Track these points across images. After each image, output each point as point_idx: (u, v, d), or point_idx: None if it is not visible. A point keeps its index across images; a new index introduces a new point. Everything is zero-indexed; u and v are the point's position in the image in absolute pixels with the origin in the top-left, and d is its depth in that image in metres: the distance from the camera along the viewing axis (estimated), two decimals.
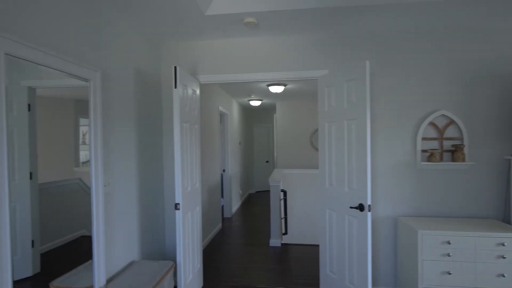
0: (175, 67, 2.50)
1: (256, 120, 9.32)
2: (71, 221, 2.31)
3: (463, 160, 2.72)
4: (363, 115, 2.35)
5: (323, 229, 2.88)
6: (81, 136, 2.29)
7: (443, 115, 2.82)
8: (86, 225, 2.34)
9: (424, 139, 2.85)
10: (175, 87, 2.50)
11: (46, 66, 1.72)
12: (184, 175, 2.61)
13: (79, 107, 2.27)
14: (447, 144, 2.83)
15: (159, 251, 3.17)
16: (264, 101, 7.07)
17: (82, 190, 2.37)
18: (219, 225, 5.43)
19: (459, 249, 2.40)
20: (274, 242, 4.44)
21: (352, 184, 2.51)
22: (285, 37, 2.99)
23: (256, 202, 7.78)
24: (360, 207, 2.39)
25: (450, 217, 2.82)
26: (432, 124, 2.83)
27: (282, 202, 4.53)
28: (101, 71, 2.17)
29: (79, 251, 2.34)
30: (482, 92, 2.79)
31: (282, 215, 4.54)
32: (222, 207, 6.30)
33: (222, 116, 6.16)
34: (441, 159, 2.83)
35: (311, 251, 4.18)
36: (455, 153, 2.75)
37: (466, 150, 2.77)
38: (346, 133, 2.56)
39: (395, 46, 2.87)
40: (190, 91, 2.82)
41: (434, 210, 2.86)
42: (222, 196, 6.24)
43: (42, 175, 2.04)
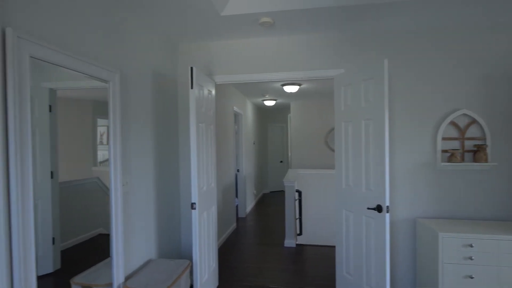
0: (191, 68, 2.52)
1: (270, 120, 9.31)
2: (89, 220, 2.36)
3: (486, 160, 2.63)
4: (381, 114, 2.30)
5: (340, 230, 2.84)
6: (98, 136, 2.34)
7: (464, 115, 2.73)
8: (104, 223, 2.38)
9: (444, 139, 2.77)
10: (192, 87, 2.52)
11: (68, 68, 1.76)
12: (200, 175, 2.63)
13: (97, 107, 2.32)
14: (469, 144, 2.75)
15: (175, 250, 3.20)
16: (278, 101, 7.05)
17: (100, 189, 2.42)
18: (234, 225, 5.45)
19: (482, 252, 2.33)
20: (289, 242, 4.41)
21: (370, 184, 2.46)
22: (300, 36, 2.97)
23: (270, 202, 7.77)
24: (378, 208, 2.35)
25: (471, 219, 2.74)
26: (452, 123, 2.76)
27: (297, 202, 4.50)
28: (120, 72, 2.21)
29: (97, 248, 2.39)
30: (506, 90, 2.70)
31: (297, 216, 4.52)
32: (237, 207, 6.32)
33: (236, 116, 6.18)
34: (462, 160, 2.75)
35: (326, 252, 4.14)
36: (477, 153, 2.66)
37: (488, 150, 2.68)
38: (364, 133, 2.52)
39: (413, 44, 2.81)
40: (206, 92, 2.84)
41: (455, 212, 2.78)
42: (236, 196, 6.26)
43: (62, 174, 2.09)
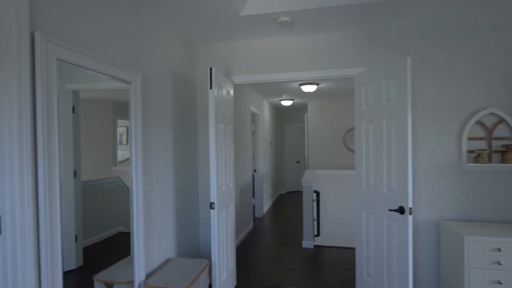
0: (210, 68, 2.53)
1: (287, 120, 9.26)
2: (109, 218, 2.41)
3: None
4: (404, 114, 2.24)
5: (360, 231, 2.79)
6: (118, 136, 2.39)
7: (491, 113, 2.63)
8: (124, 222, 2.43)
9: (470, 139, 2.67)
10: (211, 88, 2.53)
11: (93, 70, 1.80)
12: (218, 175, 2.64)
13: (117, 108, 2.37)
14: (496, 145, 2.64)
15: (193, 250, 3.23)
16: (295, 100, 7.01)
17: (120, 188, 2.46)
18: (251, 225, 5.45)
19: (511, 257, 2.23)
20: (307, 243, 4.37)
21: (392, 185, 2.41)
22: (320, 35, 2.94)
23: (287, 203, 7.73)
24: (401, 210, 2.29)
25: (498, 223, 2.63)
26: (479, 123, 2.65)
27: (315, 203, 4.46)
28: (141, 73, 2.25)
29: (117, 246, 2.44)
30: None
31: (315, 216, 4.47)
32: (253, 207, 6.32)
33: (253, 116, 6.18)
34: (490, 160, 2.64)
35: (345, 254, 4.08)
36: (506, 153, 2.55)
37: None
38: (385, 133, 2.46)
39: (437, 41, 2.72)
40: (224, 92, 2.85)
41: (481, 214, 2.68)
42: (253, 196, 6.26)
43: (84, 174, 2.14)
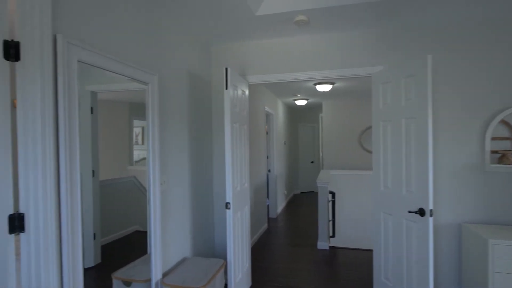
0: (226, 69, 2.54)
1: (301, 120, 9.20)
2: (126, 217, 2.44)
3: None
4: (424, 113, 2.19)
5: (377, 233, 2.74)
6: (134, 136, 2.42)
7: None
8: (140, 221, 2.46)
9: (494, 138, 2.58)
10: (226, 88, 2.53)
11: (112, 72, 1.84)
12: (234, 175, 2.65)
13: (133, 109, 2.40)
14: None
15: (209, 249, 3.25)
16: (309, 100, 6.95)
17: (136, 187, 2.50)
18: (265, 225, 5.44)
19: None
20: (322, 244, 4.33)
21: (411, 187, 2.35)
22: (336, 33, 2.90)
23: (301, 203, 7.68)
24: (421, 212, 2.23)
25: None
26: (503, 122, 2.56)
27: (330, 203, 4.40)
28: (158, 74, 2.27)
29: (134, 245, 2.47)
30: None
31: (330, 217, 4.42)
32: (267, 207, 6.30)
33: (268, 116, 6.17)
34: None
35: (361, 256, 4.01)
36: None
37: None
38: (404, 132, 2.40)
39: (458, 38, 2.64)
40: (239, 92, 2.85)
41: (505, 217, 2.58)
42: (267, 197, 6.25)
43: (101, 173, 2.18)
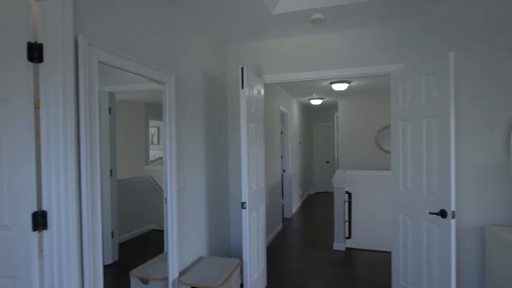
0: (242, 68, 2.53)
1: (316, 119, 9.12)
2: (143, 216, 2.47)
3: None
4: (446, 112, 2.12)
5: (396, 235, 2.68)
6: (150, 136, 2.45)
7: None
8: (156, 219, 2.49)
9: None
10: (242, 87, 2.53)
11: (130, 72, 1.86)
12: (250, 175, 2.64)
13: (149, 109, 2.43)
14: None
15: (224, 249, 3.26)
16: (325, 99, 6.88)
17: (152, 187, 2.53)
18: (280, 225, 5.42)
19: None
20: (338, 245, 4.27)
21: (432, 187, 2.28)
22: (354, 31, 2.85)
23: (316, 203, 7.61)
24: (442, 213, 2.16)
25: None
26: None
27: (346, 204, 4.34)
28: (175, 74, 2.29)
29: (150, 243, 2.50)
30: None
31: (346, 218, 4.36)
32: (282, 207, 6.27)
33: (282, 115, 6.14)
34: None
35: (378, 258, 3.93)
36: None
37: None
38: (425, 132, 2.34)
39: (482, 34, 2.54)
40: (255, 92, 2.84)
41: None
42: (282, 197, 6.22)
43: (118, 172, 2.22)
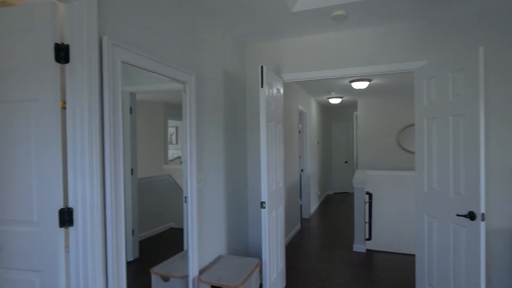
0: (261, 67, 2.52)
1: (335, 118, 8.99)
2: (162, 214, 2.50)
3: None
4: (475, 109, 2.03)
5: (421, 237, 2.59)
6: (168, 136, 2.48)
7: None
8: (175, 218, 2.51)
9: None
10: (262, 86, 2.51)
11: (152, 72, 1.88)
12: (269, 174, 2.62)
13: (168, 109, 2.46)
14: None
15: (243, 248, 3.25)
16: (344, 98, 6.77)
17: (171, 185, 2.55)
18: (298, 226, 5.37)
19: None
20: (358, 247, 4.19)
21: (459, 188, 2.19)
22: (375, 27, 2.78)
23: (335, 204, 7.50)
24: (471, 216, 2.07)
25: None
26: None
27: (367, 205, 4.25)
28: (195, 74, 2.30)
29: (169, 241, 2.53)
30: None
31: (366, 219, 4.26)
32: (300, 207, 6.22)
33: (301, 115, 6.09)
34: None
35: (400, 260, 3.83)
36: None
37: None
38: (452, 131, 2.25)
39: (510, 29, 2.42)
40: (275, 90, 2.82)
41: None
42: (300, 197, 6.17)
43: (139, 171, 2.25)
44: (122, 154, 1.62)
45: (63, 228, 1.46)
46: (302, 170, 6.21)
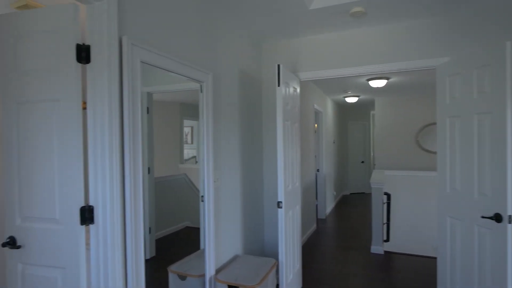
0: (278, 66, 2.50)
1: (351, 118, 8.86)
2: (178, 213, 2.52)
3: None
4: (502, 107, 1.94)
5: (443, 240, 2.51)
6: (184, 135, 2.49)
7: None
8: (190, 217, 2.52)
9: None
10: (278, 85, 2.49)
11: (171, 71, 1.89)
12: (286, 173, 2.60)
13: (183, 109, 2.47)
14: None
15: (258, 248, 3.24)
16: (361, 97, 6.66)
17: (187, 185, 2.57)
18: (314, 226, 5.32)
19: None
20: (376, 248, 4.11)
21: (484, 189, 2.11)
22: (395, 24, 2.71)
23: (351, 204, 7.39)
24: (497, 218, 1.99)
25: None
26: None
27: (385, 206, 4.16)
28: (212, 73, 2.31)
29: (185, 240, 2.54)
30: None
31: (384, 220, 4.17)
32: (316, 207, 6.16)
33: (317, 114, 6.03)
34: None
35: (420, 263, 3.73)
36: None
37: None
38: (476, 129, 2.16)
39: None
40: (291, 89, 2.80)
41: None
42: (316, 197, 6.11)
43: (155, 170, 2.27)
44: (141, 153, 1.63)
45: (84, 225, 1.49)
46: (317, 170, 6.15)
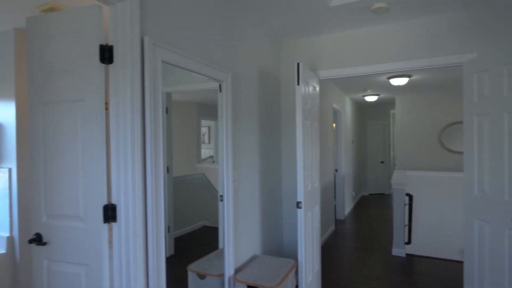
0: (298, 64, 2.46)
1: (370, 117, 8.68)
2: (196, 212, 2.53)
3: None
4: None
5: (470, 243, 2.41)
6: (201, 135, 2.50)
7: None
8: (208, 216, 2.52)
9: None
10: (298, 84, 2.46)
11: (191, 71, 1.89)
12: (305, 173, 2.56)
13: (201, 109, 2.48)
14: None
15: (277, 248, 3.22)
16: (380, 95, 6.51)
17: (205, 184, 2.57)
18: (332, 227, 5.24)
19: None
20: (398, 251, 4.00)
21: None
22: (419, 20, 2.63)
23: (370, 205, 7.24)
24: None
25: None
26: None
27: (407, 207, 4.04)
28: (231, 72, 2.30)
29: (203, 240, 2.55)
30: None
31: (406, 222, 4.06)
32: (334, 207, 6.07)
33: (335, 113, 5.94)
34: None
35: (444, 267, 3.60)
36: None
37: None
38: (507, 128, 2.06)
39: None
40: (310, 88, 2.76)
41: None
42: (334, 197, 6.02)
43: (174, 170, 2.29)
44: (162, 153, 1.64)
45: (106, 224, 1.51)
46: (336, 170, 6.05)
